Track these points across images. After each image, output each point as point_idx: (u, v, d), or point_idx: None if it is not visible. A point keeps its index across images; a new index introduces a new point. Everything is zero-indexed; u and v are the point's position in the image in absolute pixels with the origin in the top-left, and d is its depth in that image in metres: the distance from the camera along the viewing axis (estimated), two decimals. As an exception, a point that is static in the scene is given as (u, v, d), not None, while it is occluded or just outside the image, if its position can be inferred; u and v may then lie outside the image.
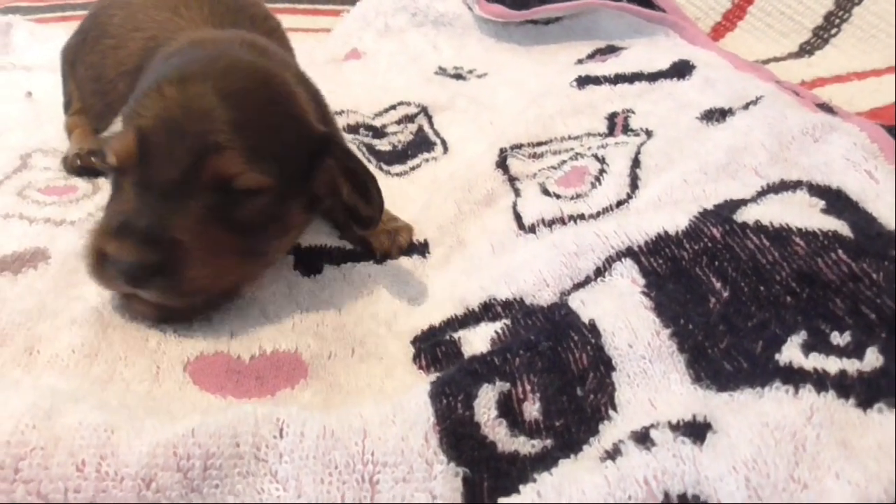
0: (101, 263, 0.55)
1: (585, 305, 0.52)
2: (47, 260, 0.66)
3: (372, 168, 0.81)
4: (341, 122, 0.99)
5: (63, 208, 0.74)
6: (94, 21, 0.90)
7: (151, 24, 0.81)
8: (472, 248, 0.71)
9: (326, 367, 0.57)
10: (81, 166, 0.83)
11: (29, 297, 0.60)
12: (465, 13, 1.28)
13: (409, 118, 1.03)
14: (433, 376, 0.54)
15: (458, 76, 1.16)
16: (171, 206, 0.55)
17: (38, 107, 1.03)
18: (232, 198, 0.58)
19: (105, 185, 0.79)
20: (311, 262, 0.70)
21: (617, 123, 0.81)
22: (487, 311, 0.61)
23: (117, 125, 0.63)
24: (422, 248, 0.74)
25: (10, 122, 0.97)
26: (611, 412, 0.46)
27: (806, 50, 1.05)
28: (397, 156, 0.94)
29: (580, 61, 1.07)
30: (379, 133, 1.01)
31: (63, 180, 0.82)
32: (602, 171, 0.71)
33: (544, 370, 0.48)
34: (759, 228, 0.52)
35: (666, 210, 0.58)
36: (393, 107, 1.06)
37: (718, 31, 1.10)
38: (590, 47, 1.10)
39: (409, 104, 1.05)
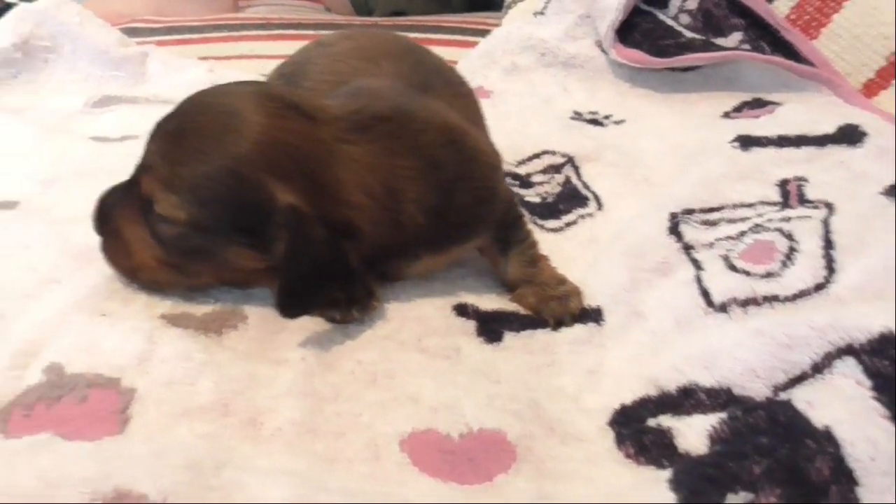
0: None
1: (814, 408, 0.51)
2: (245, 320, 0.67)
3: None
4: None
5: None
6: (299, 68, 0.92)
7: (348, 71, 0.84)
8: (652, 321, 0.71)
9: (531, 449, 0.57)
10: None
11: (240, 362, 0.61)
12: (597, 55, 1.27)
13: (556, 168, 1.02)
14: (652, 470, 0.54)
15: (595, 122, 1.16)
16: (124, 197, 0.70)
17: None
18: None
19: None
20: (492, 330, 0.71)
21: (790, 192, 0.80)
22: (688, 397, 0.60)
23: None
24: (595, 315, 0.74)
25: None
26: (858, 531, 0.45)
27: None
28: (549, 209, 0.94)
29: (727, 115, 1.06)
30: (525, 183, 1.01)
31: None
32: (792, 250, 0.70)
33: (786, 481, 0.47)
34: None
35: (883, 306, 0.57)
36: (537, 155, 1.06)
37: (871, 89, 1.08)
38: (734, 99, 1.09)
39: (553, 153, 1.05)
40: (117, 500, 0.43)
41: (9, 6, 1.43)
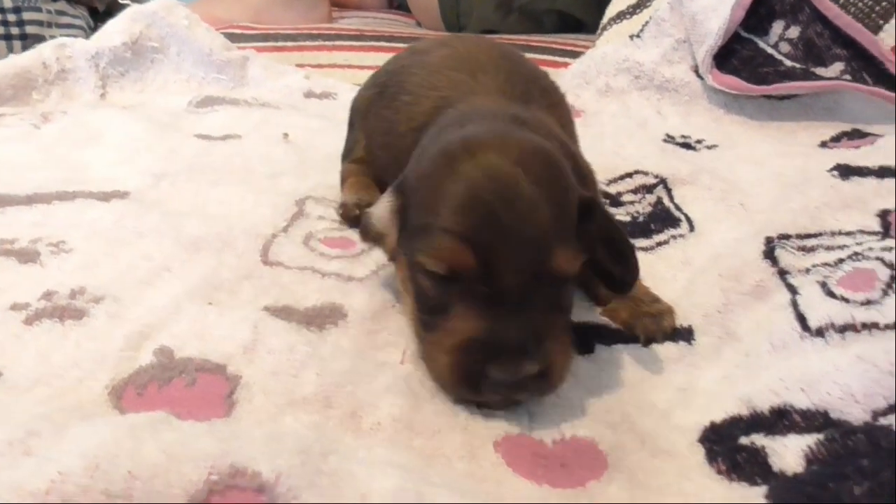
0: (473, 381, 0.58)
1: (916, 435, 0.51)
2: (345, 318, 0.69)
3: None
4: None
5: (349, 263, 0.79)
6: (394, 78, 0.95)
7: (447, 83, 0.84)
8: (746, 342, 0.71)
9: (623, 459, 0.58)
10: (358, 217, 0.87)
11: (341, 358, 0.63)
12: (692, 80, 1.28)
13: (647, 188, 1.03)
14: (745, 487, 0.54)
15: (687, 146, 1.16)
16: (525, 312, 0.57)
17: (297, 150, 1.09)
18: (560, 286, 0.60)
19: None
20: (585, 342, 0.72)
21: (891, 223, 0.79)
22: (782, 417, 0.60)
23: (382, 205, 0.67)
24: (686, 335, 0.74)
25: (277, 164, 1.03)
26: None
27: None
28: (640, 228, 0.95)
29: (825, 144, 1.05)
30: (615, 202, 1.01)
31: (338, 231, 0.86)
32: (893, 279, 0.69)
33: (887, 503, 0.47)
34: None
35: None
36: (629, 174, 1.07)
37: (975, 124, 1.06)
38: (833, 129, 1.08)
39: (646, 174, 1.06)
40: (234, 476, 0.45)
41: (121, 6, 1.50)
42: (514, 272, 0.57)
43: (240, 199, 0.91)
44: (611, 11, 1.58)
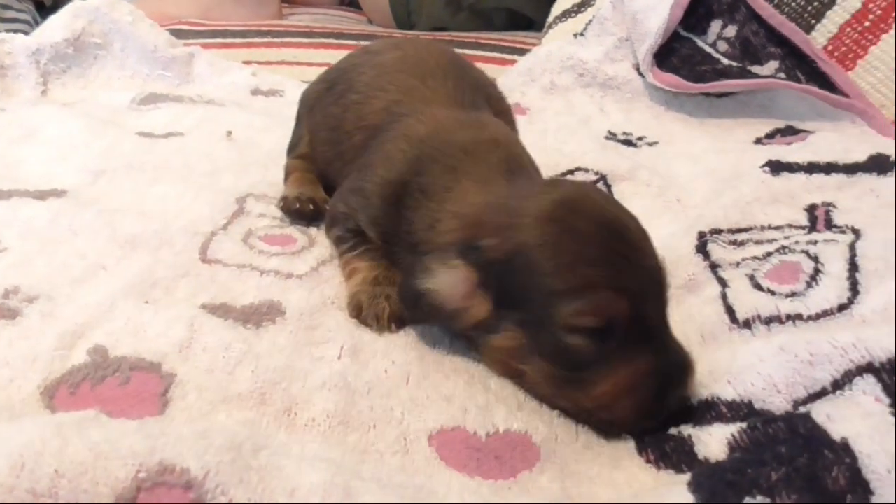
0: (657, 411, 0.61)
1: (833, 421, 0.53)
2: (283, 315, 0.70)
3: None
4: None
5: (288, 260, 0.79)
6: (343, 75, 0.95)
7: (397, 87, 0.86)
8: (679, 335, 0.72)
9: (556, 451, 0.59)
10: (299, 210, 0.87)
11: (277, 354, 0.64)
12: (634, 78, 1.29)
13: (588, 185, 1.04)
14: (672, 474, 0.56)
15: (629, 142, 1.17)
16: (665, 334, 0.63)
17: (239, 147, 1.09)
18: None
19: (319, 238, 0.84)
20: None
21: (818, 217, 0.81)
22: (710, 409, 0.62)
23: (447, 281, 0.65)
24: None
25: (218, 162, 1.03)
26: (872, 538, 0.47)
27: None
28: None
29: (759, 140, 1.08)
30: (557, 198, 1.03)
31: (279, 229, 0.86)
32: (817, 271, 0.71)
33: (803, 489, 0.49)
34: None
35: (905, 327, 0.58)
36: (571, 171, 1.08)
37: (905, 121, 1.09)
38: (768, 126, 1.11)
39: (587, 170, 1.07)
40: (162, 473, 0.45)
41: (67, 1, 1.47)
42: (654, 305, 0.62)
43: (179, 196, 0.91)
44: (556, 10, 1.60)
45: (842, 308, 0.67)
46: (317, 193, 0.91)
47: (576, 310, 0.60)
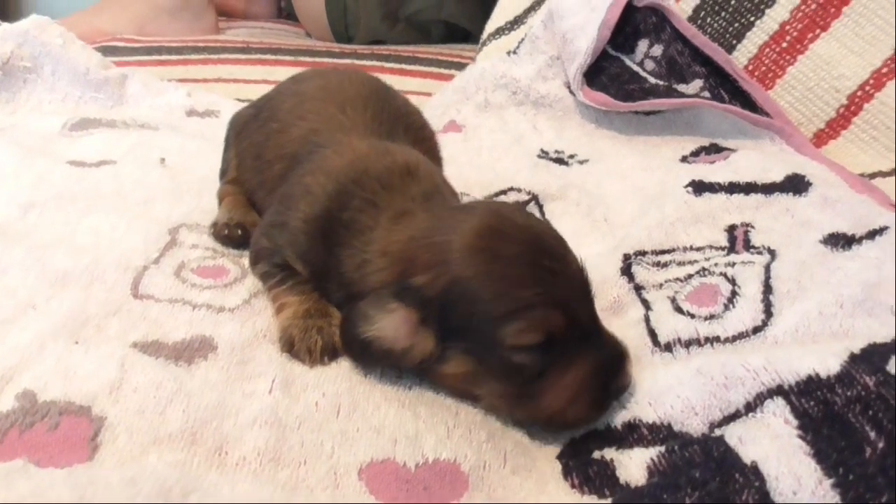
0: (606, 402, 0.66)
1: (744, 444, 0.55)
2: (215, 350, 0.70)
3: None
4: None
5: (220, 293, 0.79)
6: (269, 102, 0.96)
7: (316, 116, 0.87)
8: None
9: (484, 479, 0.61)
10: (228, 236, 0.88)
11: (208, 392, 0.64)
12: (566, 96, 1.32)
13: (521, 206, 1.06)
14: (595, 499, 0.58)
15: (560, 160, 1.20)
16: (598, 331, 0.67)
17: (173, 174, 1.08)
18: None
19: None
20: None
21: (737, 238, 0.84)
22: (632, 431, 0.64)
23: (390, 324, 0.66)
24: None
25: (151, 190, 1.02)
26: (778, 560, 0.49)
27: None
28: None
29: (685, 158, 1.11)
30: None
31: (212, 260, 0.86)
32: (734, 294, 0.74)
33: (714, 513, 0.51)
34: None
35: (813, 350, 0.61)
36: (504, 192, 1.10)
37: (821, 139, 1.13)
38: (693, 144, 1.14)
39: (519, 190, 1.09)
40: (90, 523, 0.46)
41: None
42: (584, 307, 0.66)
43: (111, 228, 0.90)
44: (490, 27, 1.62)
45: (756, 330, 0.70)
46: (247, 218, 0.92)
47: (517, 330, 0.63)
